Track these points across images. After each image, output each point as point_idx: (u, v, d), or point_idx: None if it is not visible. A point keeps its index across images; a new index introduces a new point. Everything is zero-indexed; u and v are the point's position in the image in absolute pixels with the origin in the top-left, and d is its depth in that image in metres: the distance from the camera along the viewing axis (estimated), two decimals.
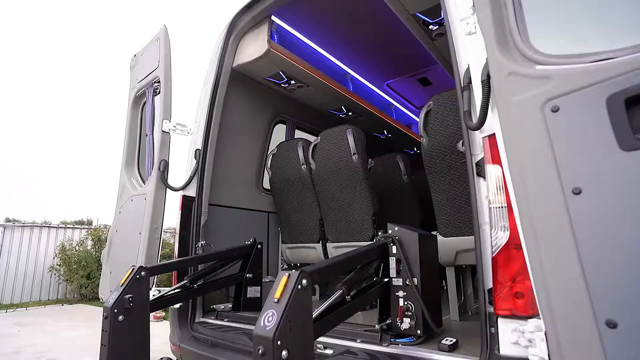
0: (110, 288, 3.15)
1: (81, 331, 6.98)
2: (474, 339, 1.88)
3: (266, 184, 3.62)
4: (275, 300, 1.34)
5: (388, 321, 1.92)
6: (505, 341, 1.40)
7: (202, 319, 2.69)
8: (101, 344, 2.04)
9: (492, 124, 1.39)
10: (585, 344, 1.05)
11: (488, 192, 1.48)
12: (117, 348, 2.01)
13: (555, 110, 1.13)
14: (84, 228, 12.21)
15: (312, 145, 3.10)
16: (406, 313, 1.86)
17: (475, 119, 1.49)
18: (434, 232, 2.39)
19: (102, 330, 2.04)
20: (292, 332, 1.29)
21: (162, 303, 2.39)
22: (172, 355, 2.64)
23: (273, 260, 3.51)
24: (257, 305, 2.83)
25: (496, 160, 1.46)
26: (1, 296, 10.26)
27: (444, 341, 1.73)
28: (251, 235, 3.02)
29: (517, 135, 1.21)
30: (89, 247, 11.26)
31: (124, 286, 2.10)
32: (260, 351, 1.25)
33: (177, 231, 2.81)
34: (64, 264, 10.82)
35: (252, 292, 2.81)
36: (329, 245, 3.10)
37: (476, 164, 1.59)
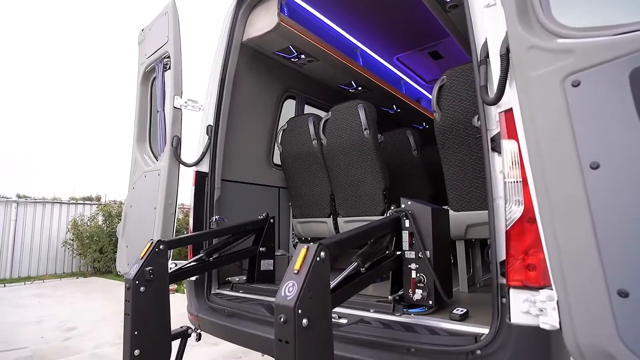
0: (127, 261, 3.26)
1: (97, 302, 7.25)
2: (483, 309, 1.95)
3: (276, 160, 3.64)
4: (295, 271, 1.39)
5: (400, 292, 1.98)
6: (517, 310, 1.45)
7: (217, 291, 2.79)
8: (125, 313, 2.14)
9: (510, 98, 1.39)
10: (597, 312, 1.09)
11: (503, 166, 1.50)
12: (140, 317, 2.10)
13: (575, 84, 1.12)
14: (94, 204, 12.44)
15: (322, 121, 3.10)
16: (418, 284, 1.92)
17: (491, 93, 1.48)
18: (444, 207, 2.42)
19: (125, 301, 2.14)
20: (312, 301, 1.35)
21: (180, 275, 2.47)
22: (190, 325, 2.76)
23: (284, 235, 3.57)
24: (270, 278, 2.92)
25: (512, 135, 1.46)
26: (19, 269, 10.61)
27: (455, 311, 1.80)
28: (262, 210, 3.07)
29: (535, 110, 1.21)
30: (100, 223, 11.51)
31: (144, 259, 2.18)
32: (282, 319, 1.31)
33: (192, 206, 2.87)
34: (76, 239, 11.11)
35: (266, 265, 2.89)
36: (340, 220, 3.15)
37: (491, 139, 1.59)
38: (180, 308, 2.82)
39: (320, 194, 3.24)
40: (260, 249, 2.86)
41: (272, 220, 2.95)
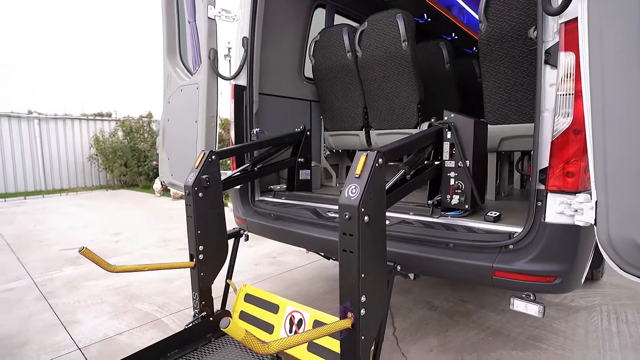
0: (170, 172, 3.49)
1: (132, 211, 7.83)
2: (513, 213, 2.15)
3: (307, 73, 3.63)
4: (357, 175, 1.55)
5: (438, 197, 2.18)
6: (552, 211, 1.62)
7: (260, 198, 3.04)
8: (187, 216, 2.40)
9: (577, 7, 1.38)
10: (630, 212, 1.25)
11: (557, 79, 1.54)
12: (201, 219, 2.37)
13: None
14: (113, 120, 12.59)
15: (358, 32, 3.02)
16: (456, 191, 2.10)
17: (555, 3, 1.47)
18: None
19: (187, 205, 2.38)
20: (372, 201, 1.53)
21: (230, 183, 2.69)
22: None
23: (315, 147, 3.72)
24: (307, 186, 3.15)
25: (571, 47, 1.48)
26: (51, 182, 11.23)
27: (489, 214, 1.99)
28: (295, 124, 3.17)
29: (604, 20, 1.23)
30: (120, 138, 11.80)
31: (199, 168, 2.37)
32: (347, 216, 1.51)
33: (232, 120, 2.97)
34: (100, 154, 11.52)
35: (304, 174, 3.10)
36: (372, 133, 3.25)
37: (546, 51, 1.61)
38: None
39: (353, 107, 3.30)
40: (299, 159, 3.04)
41: (308, 133, 3.07)
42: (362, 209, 1.49)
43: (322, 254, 2.76)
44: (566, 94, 1.53)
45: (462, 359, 2.27)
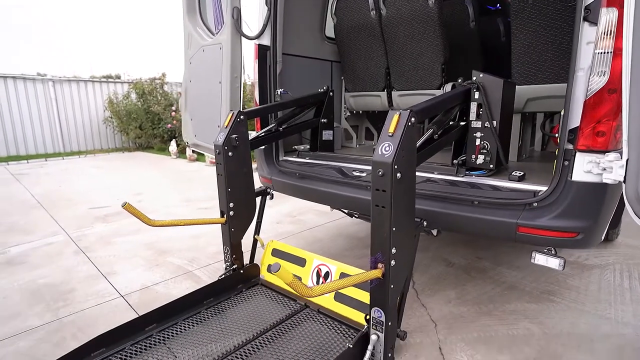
0: (194, 133, 3.56)
1: (150, 172, 8.02)
2: (536, 173, 2.19)
3: (328, 32, 3.58)
4: (390, 134, 1.61)
5: (463, 157, 2.22)
6: (579, 170, 1.66)
7: (284, 158, 3.11)
8: (217, 174, 2.49)
9: None
10: None
11: (596, 36, 1.53)
12: (231, 177, 2.46)
13: None
14: (125, 82, 12.56)
15: None
16: (482, 151, 2.14)
17: None
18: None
19: (217, 164, 2.47)
20: (404, 159, 1.59)
21: (257, 143, 2.76)
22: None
23: (336, 108, 3.73)
24: (330, 147, 3.21)
25: (613, 2, 1.46)
26: (69, 144, 11.45)
27: (513, 173, 2.04)
28: (316, 85, 3.17)
29: None
30: (134, 101, 11.82)
31: (228, 128, 2.43)
32: (380, 173, 1.58)
33: (256, 80, 2.99)
34: (115, 116, 11.61)
35: (326, 135, 3.15)
36: (394, 94, 3.25)
37: (586, 7, 1.59)
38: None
39: (375, 67, 3.27)
40: (322, 120, 3.08)
41: (331, 94, 3.09)
42: (395, 166, 1.55)
43: (346, 211, 2.86)
44: (604, 52, 1.53)
45: (479, 309, 2.41)
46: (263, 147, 3.00)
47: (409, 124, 1.60)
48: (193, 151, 9.18)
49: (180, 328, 2.15)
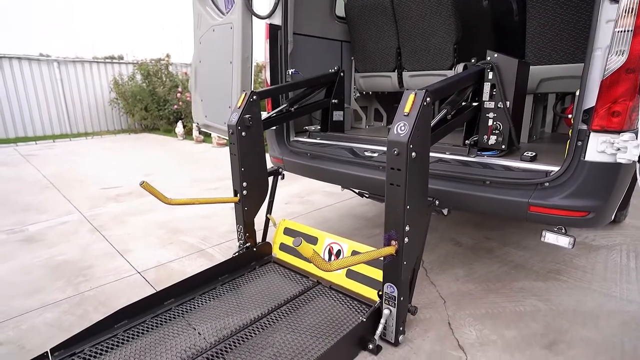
0: (204, 113, 3.58)
1: (157, 154, 8.07)
2: (548, 154, 2.21)
3: (339, 12, 3.53)
4: (405, 113, 1.62)
5: (475, 138, 2.24)
6: (592, 150, 1.68)
7: (295, 138, 3.13)
8: (231, 154, 2.53)
9: None
10: None
11: (617, 13, 1.52)
12: (244, 157, 2.49)
13: None
14: (130, 63, 12.48)
15: None
16: (494, 131, 2.15)
17: None
18: None
19: (230, 143, 2.50)
20: (419, 138, 1.62)
21: (269, 123, 2.78)
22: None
23: (346, 89, 3.72)
24: (340, 127, 3.22)
25: None
26: (76, 126, 11.49)
27: (525, 153, 2.06)
28: (327, 65, 3.16)
29: None
30: (139, 82, 11.77)
31: (241, 108, 2.45)
32: (395, 152, 1.60)
33: (267, 60, 2.99)
34: (121, 98, 11.60)
35: (337, 115, 3.16)
36: (405, 74, 3.23)
37: None
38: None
39: (386, 47, 3.24)
40: (333, 100, 3.08)
41: (342, 74, 3.08)
42: (411, 146, 1.58)
43: (357, 190, 2.90)
44: (624, 31, 1.52)
45: (487, 287, 2.47)
46: (274, 127, 3.02)
47: (424, 104, 1.62)
48: (200, 132, 9.20)
49: (197, 303, 2.23)
